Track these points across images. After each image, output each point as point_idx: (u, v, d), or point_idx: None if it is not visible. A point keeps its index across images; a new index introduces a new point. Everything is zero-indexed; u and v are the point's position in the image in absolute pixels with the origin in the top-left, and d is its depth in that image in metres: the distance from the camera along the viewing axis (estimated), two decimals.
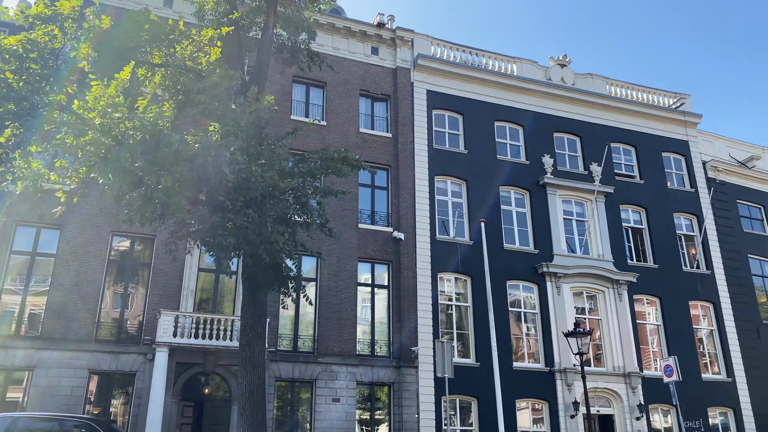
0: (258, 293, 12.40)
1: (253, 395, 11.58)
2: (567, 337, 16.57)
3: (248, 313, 12.27)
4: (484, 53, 26.34)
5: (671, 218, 26.70)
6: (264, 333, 12.38)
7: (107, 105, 8.52)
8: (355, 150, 22.31)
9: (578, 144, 26.60)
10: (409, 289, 21.30)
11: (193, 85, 10.47)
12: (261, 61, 14.35)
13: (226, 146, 9.25)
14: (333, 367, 19.67)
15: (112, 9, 20.46)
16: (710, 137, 29.65)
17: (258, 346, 12.06)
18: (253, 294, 12.38)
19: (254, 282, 12.33)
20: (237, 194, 9.85)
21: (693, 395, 23.62)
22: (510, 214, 24.23)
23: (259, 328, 12.22)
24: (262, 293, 12.50)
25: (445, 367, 13.77)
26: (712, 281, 26.24)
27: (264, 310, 12.56)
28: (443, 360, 13.83)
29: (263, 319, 12.42)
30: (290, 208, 11.56)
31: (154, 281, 18.83)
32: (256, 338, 12.09)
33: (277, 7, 14.77)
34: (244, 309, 12.41)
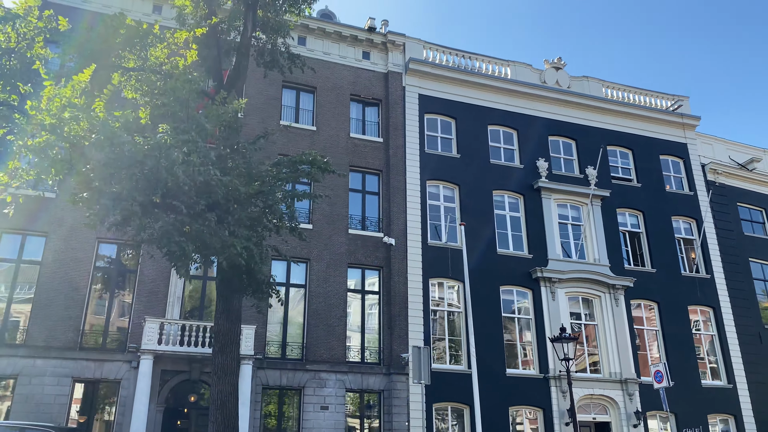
0: (232, 299, 12.21)
1: (225, 403, 11.36)
2: (553, 342, 16.22)
3: (222, 319, 12.07)
4: (477, 57, 26.14)
5: (669, 222, 26.31)
6: (238, 339, 12.17)
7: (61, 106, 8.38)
8: (345, 155, 22.28)
9: (574, 147, 26.30)
10: (399, 295, 21.04)
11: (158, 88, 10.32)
12: (239, 64, 14.22)
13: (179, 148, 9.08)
14: (322, 374, 19.42)
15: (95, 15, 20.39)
16: (709, 139, 29.25)
17: (231, 353, 11.86)
18: (227, 299, 12.19)
19: (228, 287, 12.15)
20: (199, 198, 9.67)
21: (693, 402, 23.21)
22: (504, 219, 23.95)
23: (233, 335, 12.02)
24: (237, 299, 12.32)
25: (423, 373, 13.49)
26: (711, 285, 25.79)
27: (238, 315, 12.36)
28: (420, 366, 13.55)
29: (237, 325, 12.22)
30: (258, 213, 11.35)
31: (140, 288, 18.69)
32: (229, 344, 11.88)
33: (257, 11, 14.65)
34: (217, 315, 12.22)
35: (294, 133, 22.19)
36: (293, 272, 20.70)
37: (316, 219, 21.28)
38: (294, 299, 20.44)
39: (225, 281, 12.09)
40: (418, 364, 13.55)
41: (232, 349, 11.89)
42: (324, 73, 23.50)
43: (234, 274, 11.87)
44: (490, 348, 21.44)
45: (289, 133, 22.12)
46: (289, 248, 20.43)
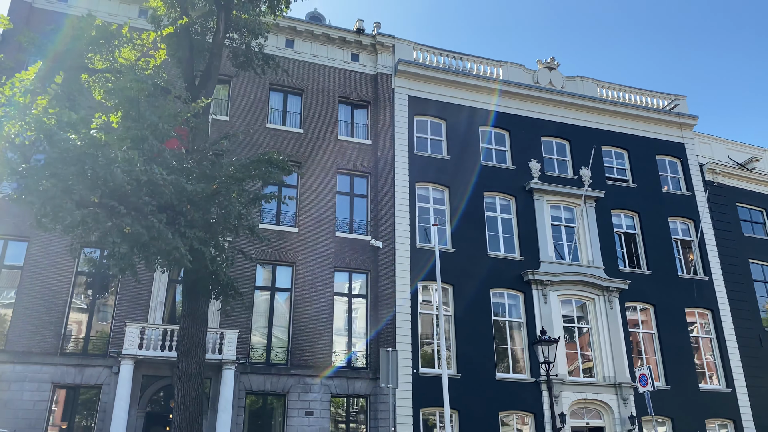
0: (197, 302, 12.02)
1: (188, 408, 11.15)
2: (533, 345, 15.86)
3: (187, 323, 11.88)
4: (468, 57, 25.88)
5: (666, 223, 25.86)
6: (203, 343, 11.97)
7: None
8: (333, 157, 22.12)
9: (567, 148, 25.94)
10: (386, 299, 20.77)
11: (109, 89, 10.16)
12: (210, 65, 14.09)
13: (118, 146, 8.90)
14: (306, 379, 19.18)
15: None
16: (708, 139, 28.78)
17: (195, 357, 11.65)
18: (192, 303, 12.01)
19: (193, 291, 11.97)
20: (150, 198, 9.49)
21: (690, 407, 22.72)
22: (495, 221, 23.62)
23: (198, 339, 11.82)
24: (203, 302, 12.12)
25: (390, 377, 13.21)
26: (710, 287, 25.29)
27: (204, 319, 12.16)
28: (388, 370, 13.27)
29: (202, 329, 12.02)
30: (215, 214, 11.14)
31: (122, 293, 18.56)
32: (193, 348, 11.69)
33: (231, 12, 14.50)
34: (182, 318, 12.04)
35: (280, 135, 22.04)
36: (279, 276, 20.49)
37: (302, 222, 21.08)
38: (279, 303, 20.23)
39: (190, 284, 11.92)
40: (386, 367, 13.28)
41: (196, 353, 11.69)
42: (312, 75, 23.35)
43: (199, 277, 11.71)
44: (479, 352, 21.13)
45: (275, 135, 21.97)
46: (274, 252, 20.37)
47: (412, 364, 20.25)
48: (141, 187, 9.19)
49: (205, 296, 11.98)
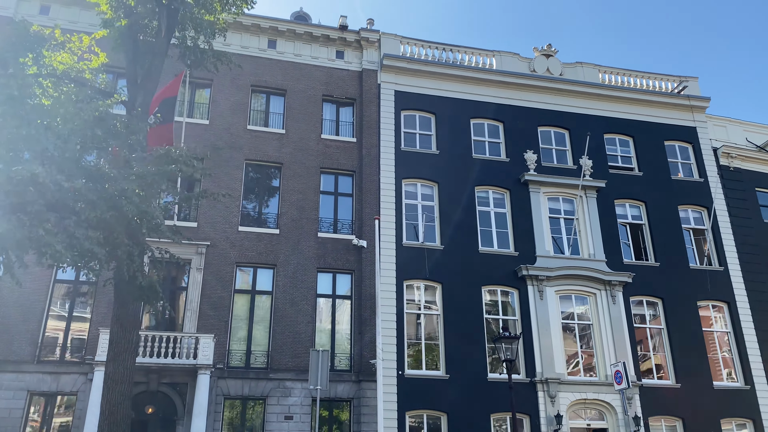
0: (126, 305, 11.74)
1: (113, 413, 10.89)
2: (494, 342, 15.04)
3: (116, 326, 11.63)
4: (460, 48, 25.12)
5: (675, 211, 24.43)
6: (132, 348, 11.68)
7: None
8: (315, 157, 21.74)
9: (567, 137, 24.85)
10: (370, 299, 20.20)
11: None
12: (151, 65, 13.89)
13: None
14: (286, 383, 18.77)
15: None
16: (723, 121, 27.14)
17: (124, 362, 11.38)
18: (121, 306, 11.75)
19: (121, 294, 11.71)
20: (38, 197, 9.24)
21: (703, 405, 21.32)
22: (488, 216, 22.76)
23: (126, 343, 11.54)
24: (132, 305, 11.83)
25: (319, 378, 12.64)
26: (725, 278, 23.75)
27: (135, 323, 11.88)
28: (318, 371, 12.70)
29: (132, 332, 11.73)
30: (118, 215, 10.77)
31: (98, 300, 18.57)
32: (122, 353, 11.42)
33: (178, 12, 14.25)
34: (112, 322, 11.80)
35: (261, 137, 21.79)
36: (260, 279, 20.19)
37: (283, 223, 20.74)
38: (260, 306, 19.91)
39: (119, 286, 11.66)
40: (315, 368, 12.73)
41: (125, 357, 11.42)
42: (295, 75, 23.05)
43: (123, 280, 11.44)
44: (469, 352, 20.32)
45: (256, 137, 21.74)
46: (255, 255, 20.08)
47: (397, 365, 19.61)
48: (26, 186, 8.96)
49: (132, 300, 11.68)
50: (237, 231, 20.25)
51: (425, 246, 21.43)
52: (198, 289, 19.23)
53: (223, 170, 20.89)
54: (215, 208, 20.30)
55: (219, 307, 19.19)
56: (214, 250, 19.80)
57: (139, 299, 11.41)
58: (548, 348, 20.82)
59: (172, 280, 19.64)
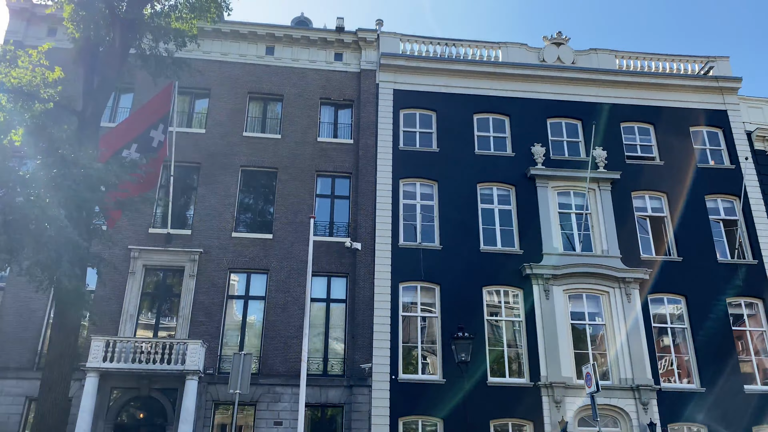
0: (68, 312, 11.91)
1: (45, 418, 11.07)
2: (452, 343, 14.25)
3: (56, 332, 11.82)
4: (463, 43, 24.39)
5: (702, 202, 22.67)
6: (70, 353, 11.83)
7: None
8: (311, 160, 21.66)
9: (580, 128, 23.59)
10: (364, 302, 19.82)
11: None
12: (104, 75, 14.14)
13: None
14: (276, 388, 18.64)
15: None
16: (759, 102, 24.98)
17: (60, 367, 11.54)
18: (62, 313, 11.94)
19: (61, 301, 11.89)
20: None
21: (731, 411, 19.63)
22: (491, 213, 21.88)
23: (65, 348, 11.70)
24: (73, 312, 11.98)
25: (239, 381, 12.29)
26: (760, 273, 21.79)
27: (74, 329, 12.04)
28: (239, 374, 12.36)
29: (71, 338, 11.89)
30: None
31: (95, 307, 19.03)
32: (59, 358, 11.59)
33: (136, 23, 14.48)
34: (53, 329, 11.99)
35: (257, 143, 21.89)
36: (253, 284, 20.20)
37: (277, 228, 20.70)
38: (252, 311, 19.91)
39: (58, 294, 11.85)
40: (237, 371, 12.42)
41: (62, 363, 11.59)
42: (292, 80, 23.05)
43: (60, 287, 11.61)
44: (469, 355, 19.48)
45: (252, 143, 21.86)
46: (248, 260, 20.13)
47: (391, 369, 19.10)
48: None
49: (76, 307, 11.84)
50: (230, 237, 20.38)
51: (423, 246, 20.83)
52: (190, 296, 19.45)
53: (218, 177, 21.12)
54: (209, 215, 20.55)
55: (211, 314, 19.34)
56: (207, 257, 19.99)
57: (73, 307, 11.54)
58: (554, 350, 19.71)
59: (166, 288, 19.94)
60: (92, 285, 19.39)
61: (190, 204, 21.02)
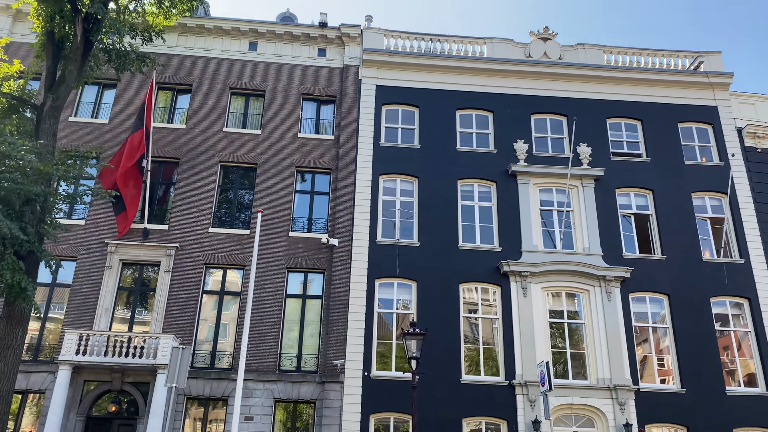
0: (13, 305, 11.97)
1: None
2: (404, 338, 14.09)
3: (3, 323, 11.89)
4: (448, 38, 24.21)
5: (688, 199, 22.25)
6: (16, 345, 11.89)
7: None
8: (291, 156, 21.64)
9: (564, 124, 23.28)
10: (339, 299, 19.75)
11: None
12: (65, 69, 14.21)
13: None
14: (248, 383, 18.63)
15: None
16: (751, 98, 24.48)
17: (6, 359, 11.60)
18: (9, 305, 12.00)
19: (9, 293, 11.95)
20: None
21: (714, 413, 19.25)
22: (471, 210, 21.68)
23: (11, 340, 11.77)
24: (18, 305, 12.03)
25: (177, 375, 12.25)
26: (747, 272, 21.34)
27: (20, 320, 12.08)
28: (177, 368, 12.31)
29: (17, 330, 11.94)
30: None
31: (71, 301, 19.26)
32: (5, 350, 11.64)
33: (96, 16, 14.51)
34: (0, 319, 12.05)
35: (237, 138, 21.91)
36: (229, 280, 20.24)
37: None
38: (227, 307, 19.94)
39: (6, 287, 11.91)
40: (174, 365, 12.37)
41: (8, 354, 11.65)
42: (274, 75, 23.04)
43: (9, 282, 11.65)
44: (443, 352, 19.38)
45: (231, 139, 21.88)
46: (224, 256, 20.17)
47: (365, 366, 19.01)
48: None
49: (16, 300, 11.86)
50: (207, 232, 20.42)
51: (400, 243, 20.71)
52: (165, 291, 19.53)
53: (197, 173, 21.18)
54: (187, 210, 20.62)
55: (186, 308, 19.40)
56: (184, 252, 20.06)
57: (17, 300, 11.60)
58: (530, 349, 19.48)
59: (142, 282, 20.05)
60: (69, 279, 19.72)
61: (169, 199, 21.10)
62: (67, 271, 19.74)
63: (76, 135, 21.38)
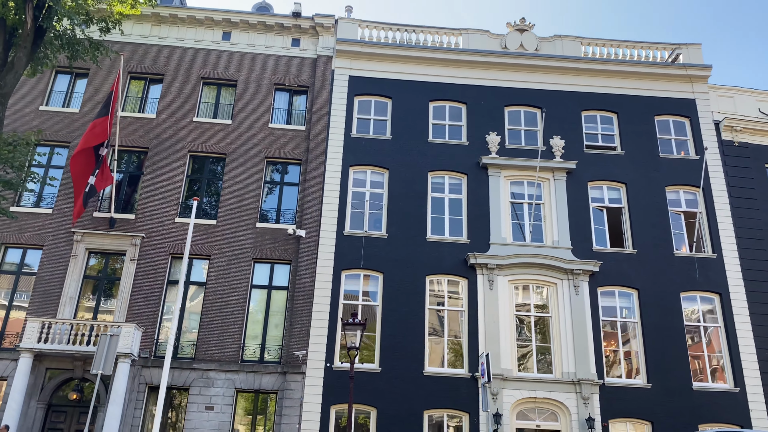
0: None
1: None
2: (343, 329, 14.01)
3: None
4: (424, 29, 24.00)
5: (662, 194, 22.01)
6: None
7: None
8: (261, 146, 21.57)
9: (538, 117, 23.06)
10: (304, 290, 19.70)
11: None
12: (14, 57, 14.17)
13: None
14: (210, 373, 18.66)
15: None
16: (730, 91, 24.15)
17: None
18: None
19: None
20: None
21: (679, 409, 19.11)
22: (441, 202, 21.55)
23: None
24: None
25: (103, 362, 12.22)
26: (719, 267, 21.11)
27: None
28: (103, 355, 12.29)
29: None
30: None
31: (36, 289, 19.31)
32: None
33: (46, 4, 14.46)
34: None
35: (206, 128, 21.85)
36: (195, 270, 20.22)
37: (221, 214, 20.65)
38: (192, 297, 19.94)
39: None
40: (101, 352, 12.35)
41: None
42: (247, 65, 22.95)
43: None
44: (407, 344, 19.31)
45: (201, 129, 21.83)
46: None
47: (327, 357, 18.97)
48: None
49: None
50: (174, 222, 20.40)
51: (368, 234, 20.62)
52: (130, 280, 19.54)
53: (166, 163, 21.15)
54: (154, 200, 20.60)
55: (150, 298, 19.41)
56: (149, 242, 20.06)
57: None
58: (495, 341, 19.38)
59: (108, 271, 20.07)
60: (36, 267, 19.76)
61: (137, 189, 21.09)
62: (34, 260, 19.80)
63: (46, 124, 21.42)
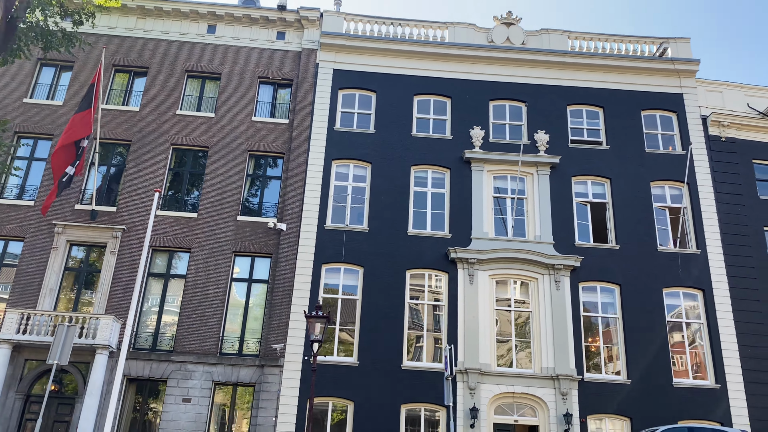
0: None
1: None
2: (306, 321, 13.98)
3: None
4: (410, 23, 23.89)
5: (647, 189, 21.86)
6: None
7: None
8: (244, 139, 21.58)
9: (524, 111, 22.93)
10: (284, 283, 19.70)
11: None
12: None
13: None
14: (188, 365, 18.72)
15: None
16: (719, 86, 23.93)
17: None
18: None
19: None
20: None
21: (659, 405, 19.00)
22: (423, 196, 21.48)
23: None
24: None
25: (59, 352, 12.25)
26: (702, 263, 20.96)
27: None
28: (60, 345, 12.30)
29: None
30: None
31: (16, 281, 19.40)
32: None
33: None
34: None
35: (189, 121, 21.86)
36: (175, 263, 20.26)
37: (202, 207, 20.67)
38: (172, 290, 19.98)
39: None
40: (59, 342, 12.38)
41: None
42: (231, 58, 22.93)
43: None
44: (386, 338, 19.30)
45: (183, 122, 21.84)
46: (169, 238, 20.17)
47: (305, 350, 18.99)
48: None
49: None
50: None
51: (349, 228, 20.58)
52: (110, 272, 19.60)
53: (148, 156, 21.18)
54: (136, 192, 20.64)
55: (130, 290, 19.45)
56: (130, 234, 20.10)
57: None
58: (473, 336, 19.33)
59: (89, 263, 20.14)
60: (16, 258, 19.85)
61: (119, 181, 21.13)
62: (15, 251, 19.89)
63: (30, 116, 21.50)
